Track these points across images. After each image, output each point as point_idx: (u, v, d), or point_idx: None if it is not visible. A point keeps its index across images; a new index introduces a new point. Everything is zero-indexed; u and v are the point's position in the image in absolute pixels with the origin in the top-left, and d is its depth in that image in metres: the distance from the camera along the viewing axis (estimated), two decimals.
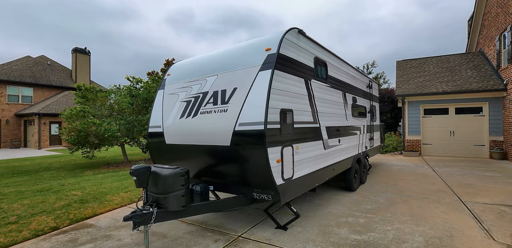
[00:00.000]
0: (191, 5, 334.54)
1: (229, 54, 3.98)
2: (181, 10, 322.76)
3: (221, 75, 3.80)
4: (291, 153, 3.52)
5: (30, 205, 5.47)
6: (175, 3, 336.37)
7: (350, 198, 5.46)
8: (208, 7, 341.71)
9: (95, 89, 11.19)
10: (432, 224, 3.98)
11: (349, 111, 5.87)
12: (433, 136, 11.94)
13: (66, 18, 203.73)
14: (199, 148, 3.78)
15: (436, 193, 5.66)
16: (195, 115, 3.84)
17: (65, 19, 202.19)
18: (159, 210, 3.10)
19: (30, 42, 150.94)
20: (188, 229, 4.07)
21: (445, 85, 11.84)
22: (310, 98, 4.14)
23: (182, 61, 4.86)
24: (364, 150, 6.86)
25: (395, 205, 4.92)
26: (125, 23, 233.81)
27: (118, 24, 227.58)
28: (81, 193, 6.37)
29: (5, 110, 21.45)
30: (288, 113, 3.48)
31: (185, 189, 3.17)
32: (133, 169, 3.03)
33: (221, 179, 3.80)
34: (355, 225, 4.01)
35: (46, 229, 4.21)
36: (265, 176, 3.14)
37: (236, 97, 3.45)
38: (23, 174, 9.41)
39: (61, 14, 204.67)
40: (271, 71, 3.24)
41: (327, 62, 4.82)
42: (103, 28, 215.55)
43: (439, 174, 7.64)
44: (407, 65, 15.04)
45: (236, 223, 4.22)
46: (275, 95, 3.27)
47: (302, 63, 3.96)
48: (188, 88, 4.16)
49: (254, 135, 3.11)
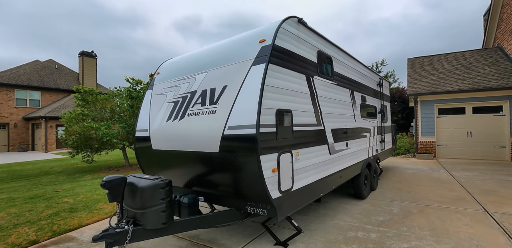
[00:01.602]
0: (198, 10, 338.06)
1: (219, 48, 3.55)
2: (188, 16, 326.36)
3: (211, 72, 3.37)
4: (290, 160, 3.04)
5: (17, 214, 5.14)
6: (182, 9, 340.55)
7: (359, 207, 4.94)
8: (214, 12, 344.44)
9: (94, 92, 10.93)
10: (456, 241, 3.44)
11: (358, 111, 5.36)
12: (449, 137, 11.24)
13: (79, 25, 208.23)
14: (187, 154, 3.35)
15: (456, 202, 5.08)
16: (182, 117, 3.41)
17: (78, 26, 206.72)
18: (136, 227, 2.67)
19: (43, 48, 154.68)
20: (177, 244, 3.64)
21: (461, 83, 11.14)
22: (313, 97, 3.66)
23: (172, 59, 4.45)
24: (374, 153, 6.32)
25: (410, 216, 4.38)
26: (135, 29, 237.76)
27: (128, 31, 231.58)
28: (72, 200, 6.03)
29: (13, 114, 21.59)
30: (286, 114, 3.01)
31: (166, 204, 2.73)
32: (104, 181, 2.61)
33: (212, 189, 3.36)
34: (366, 242, 3.50)
35: (24, 243, 3.84)
36: (258, 188, 2.67)
37: (225, 96, 3.00)
38: (22, 179, 9.18)
39: (74, 21, 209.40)
40: (265, 65, 2.79)
41: (332, 57, 4.33)
42: (114, 34, 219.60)
43: (457, 179, 7.02)
44: (419, 62, 14.35)
45: (231, 238, 3.77)
46: (270, 93, 2.81)
47: (303, 57, 3.49)
48: (176, 88, 3.74)
49: (245, 140, 2.66)
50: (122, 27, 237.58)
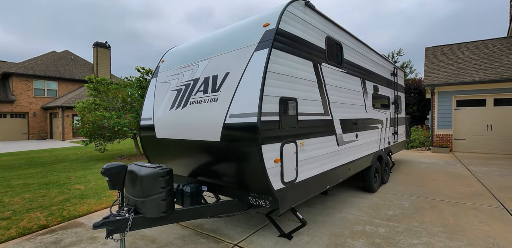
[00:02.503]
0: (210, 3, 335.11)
1: (223, 34, 3.41)
2: (201, 8, 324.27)
3: (214, 58, 3.25)
4: (295, 151, 2.92)
5: (30, 199, 5.30)
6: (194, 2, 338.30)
7: (368, 201, 4.79)
8: (226, 5, 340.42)
9: (106, 82, 11.03)
10: (471, 239, 3.27)
11: (369, 101, 5.13)
12: (467, 130, 10.77)
13: (97, 18, 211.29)
14: (189, 143, 3.29)
15: (472, 198, 4.85)
16: (184, 105, 3.33)
17: (96, 19, 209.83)
18: (137, 216, 2.65)
19: (62, 40, 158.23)
20: (181, 233, 3.64)
21: (483, 73, 10.56)
22: (321, 85, 3.49)
23: (178, 46, 4.35)
24: (386, 146, 6.10)
25: (422, 212, 4.21)
26: (149, 22, 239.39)
27: (143, 23, 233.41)
28: (84, 187, 6.17)
29: (32, 103, 22.29)
30: (290, 102, 2.88)
31: (166, 192, 2.69)
32: (104, 168, 2.58)
33: (215, 179, 3.30)
34: (374, 236, 3.38)
35: (34, 227, 3.95)
36: (260, 179, 2.58)
37: (227, 83, 2.89)
38: (39, 166, 9.49)
39: (92, 14, 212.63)
40: (268, 50, 2.64)
41: (342, 43, 4.11)
42: (129, 27, 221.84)
43: (475, 174, 6.71)
44: (437, 52, 13.69)
45: (235, 228, 3.73)
46: (273, 80, 2.67)
47: (310, 42, 3.31)
48: (179, 75, 3.65)
49: (246, 129, 2.55)
50: (137, 20, 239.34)
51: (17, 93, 21.40)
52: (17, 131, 21.72)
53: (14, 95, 21.26)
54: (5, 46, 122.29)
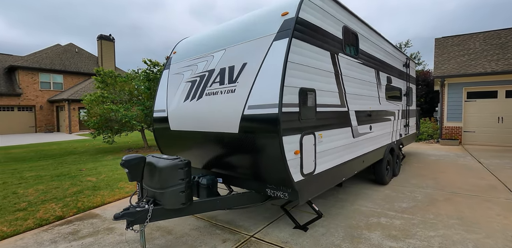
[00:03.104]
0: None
1: (239, 24, 3.33)
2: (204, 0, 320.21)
3: (230, 49, 3.19)
4: (313, 142, 2.89)
5: (44, 191, 5.37)
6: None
7: (381, 193, 4.78)
8: None
9: (113, 74, 11.01)
10: (488, 231, 3.24)
11: (383, 93, 5.05)
12: (477, 122, 10.62)
13: (101, 11, 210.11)
14: (205, 135, 3.27)
15: (486, 190, 4.81)
16: (200, 97, 3.30)
17: (100, 12, 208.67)
18: (156, 207, 2.66)
19: (68, 33, 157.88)
20: (195, 224, 3.66)
21: (495, 64, 10.33)
22: (337, 76, 3.42)
23: (189, 37, 4.28)
24: (398, 138, 6.04)
25: (436, 204, 4.18)
26: (153, 14, 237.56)
27: (147, 16, 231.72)
28: (95, 179, 6.23)
29: (38, 96, 22.43)
30: (309, 93, 2.82)
31: (185, 184, 2.69)
32: (124, 160, 2.58)
33: (231, 171, 3.29)
34: (390, 228, 3.37)
35: (51, 218, 4.00)
36: (280, 171, 2.56)
37: (245, 74, 2.84)
38: (49, 158, 9.60)
39: (96, 7, 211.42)
40: (288, 40, 2.58)
41: (358, 33, 4.01)
42: (133, 20, 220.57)
43: (487, 167, 6.65)
44: (448, 42, 13.40)
45: (249, 220, 3.74)
46: (293, 71, 2.61)
47: (328, 32, 3.23)
48: (193, 67, 3.60)
49: (266, 120, 2.52)
50: (141, 13, 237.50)
51: (24, 87, 21.51)
52: (25, 124, 21.94)
53: (20, 88, 21.38)
54: (9, 40, 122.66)
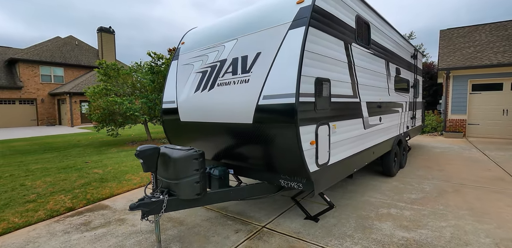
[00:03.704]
0: None
1: (251, 13, 3.27)
2: None
3: (242, 38, 3.13)
4: (327, 133, 2.87)
5: (52, 183, 5.39)
6: None
7: (389, 184, 4.79)
8: None
9: (116, 66, 10.92)
10: (499, 222, 3.26)
11: (392, 84, 5.00)
12: (482, 115, 10.59)
13: (101, 4, 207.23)
14: (217, 126, 3.25)
15: (494, 182, 4.82)
16: (211, 87, 3.26)
17: (100, 5, 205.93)
18: (171, 198, 2.66)
19: (70, 27, 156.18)
20: (206, 215, 3.68)
21: (501, 56, 10.22)
22: (350, 66, 3.38)
23: (198, 28, 4.21)
24: (405, 130, 6.02)
25: (445, 195, 4.19)
26: (153, 8, 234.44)
27: (147, 9, 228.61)
28: (102, 171, 6.24)
29: (39, 90, 22.33)
30: (325, 83, 2.79)
31: (200, 175, 2.68)
32: (138, 151, 2.56)
33: (243, 162, 3.28)
34: (401, 219, 3.39)
35: (61, 209, 4.02)
36: (296, 161, 2.55)
37: (259, 64, 2.79)
38: (53, 151, 9.61)
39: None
40: (305, 28, 2.52)
41: (370, 23, 3.94)
42: (134, 13, 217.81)
43: (492, 159, 6.65)
44: (453, 34, 13.24)
45: (260, 211, 3.76)
46: (310, 60, 2.57)
47: (342, 21, 3.17)
48: (203, 57, 3.55)
49: (283, 110, 2.49)
50: (141, 5, 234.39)
51: (25, 80, 21.39)
52: (27, 117, 21.92)
53: (21, 81, 21.27)
54: (9, 33, 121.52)
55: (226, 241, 2.97)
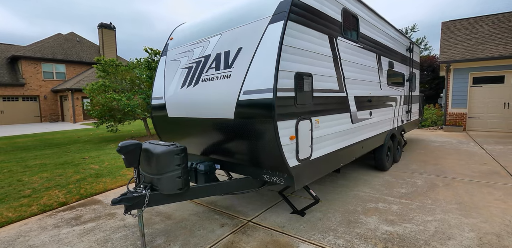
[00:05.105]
0: None
1: (234, 8, 3.24)
2: None
3: (225, 33, 3.11)
4: (310, 128, 2.87)
5: (48, 178, 5.47)
6: None
7: (381, 179, 4.78)
8: None
9: (115, 63, 10.94)
10: (486, 216, 3.25)
11: (384, 78, 4.95)
12: (482, 108, 10.46)
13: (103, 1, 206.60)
14: (202, 122, 3.26)
15: (487, 176, 4.78)
16: (196, 83, 3.26)
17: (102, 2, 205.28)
18: (153, 192, 2.69)
19: (72, 24, 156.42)
20: (195, 210, 3.72)
21: (503, 48, 10.04)
22: (336, 61, 3.34)
23: (186, 23, 4.19)
24: (399, 124, 5.98)
25: (436, 189, 4.18)
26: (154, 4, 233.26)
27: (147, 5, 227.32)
28: (98, 167, 6.32)
29: (42, 86, 22.50)
30: (306, 78, 2.77)
31: (182, 170, 2.70)
32: (120, 146, 2.59)
33: (229, 157, 3.30)
34: (387, 213, 3.39)
35: (54, 204, 4.09)
36: (275, 156, 2.56)
37: (241, 59, 2.78)
38: (53, 147, 9.73)
39: None
40: (283, 22, 2.50)
41: (358, 16, 3.88)
42: (136, 9, 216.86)
43: (490, 153, 6.59)
44: (455, 26, 13.00)
45: (248, 205, 3.79)
46: (289, 55, 2.55)
47: (326, 14, 3.13)
48: (189, 53, 3.54)
49: (261, 105, 2.49)
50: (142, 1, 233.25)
51: (27, 77, 21.56)
52: (30, 114, 22.16)
53: (24, 78, 21.44)
54: (11, 30, 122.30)
55: (210, 235, 3.01)
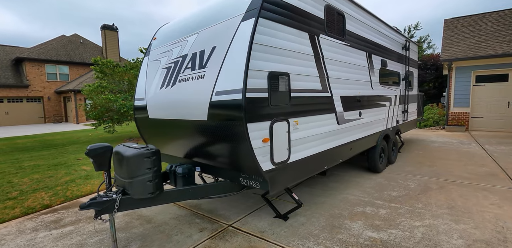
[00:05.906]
0: None
1: (210, 6, 3.13)
2: None
3: (202, 32, 3.01)
4: (286, 130, 2.74)
5: (38, 180, 5.44)
6: None
7: (373, 181, 4.63)
8: None
9: (112, 64, 10.94)
10: (478, 221, 3.08)
11: (376, 77, 4.79)
12: (485, 108, 10.18)
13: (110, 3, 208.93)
14: (180, 123, 3.16)
15: (485, 178, 4.60)
16: (173, 84, 3.17)
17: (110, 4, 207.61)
18: (124, 197, 2.60)
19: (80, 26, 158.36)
20: (177, 213, 3.63)
21: (506, 45, 9.75)
22: (318, 59, 3.21)
23: (169, 23, 4.10)
24: (394, 124, 5.81)
25: (429, 193, 4.02)
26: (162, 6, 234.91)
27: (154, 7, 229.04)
28: (90, 168, 6.28)
29: (46, 88, 22.73)
30: (281, 77, 2.65)
31: (153, 173, 2.61)
32: (88, 149, 2.51)
33: (208, 160, 3.20)
34: (374, 218, 3.25)
35: (38, 207, 4.05)
36: (248, 159, 2.45)
37: (214, 58, 2.68)
38: (51, 148, 9.76)
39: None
40: (254, 20, 2.38)
41: (344, 13, 3.75)
42: (143, 11, 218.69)
43: (490, 154, 6.38)
44: (458, 23, 12.71)
45: (232, 209, 3.69)
46: (260, 53, 2.43)
47: (305, 11, 3.00)
48: (169, 52, 3.45)
49: (231, 107, 2.38)
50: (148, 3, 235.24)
51: (31, 78, 21.79)
52: (34, 115, 22.39)
53: (28, 80, 21.67)
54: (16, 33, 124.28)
55: (187, 240, 2.92)
